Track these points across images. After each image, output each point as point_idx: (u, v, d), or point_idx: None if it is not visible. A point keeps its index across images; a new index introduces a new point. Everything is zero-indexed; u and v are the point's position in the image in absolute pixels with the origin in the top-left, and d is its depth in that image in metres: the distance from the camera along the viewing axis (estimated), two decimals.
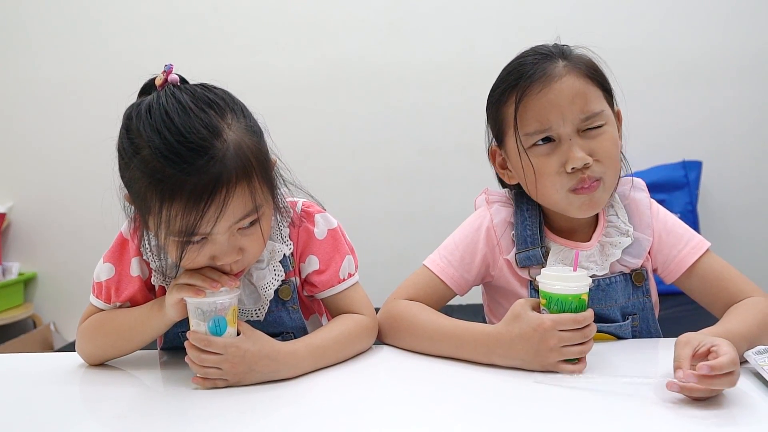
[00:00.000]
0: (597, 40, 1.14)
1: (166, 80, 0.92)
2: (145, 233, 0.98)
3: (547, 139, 1.03)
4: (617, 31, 2.64)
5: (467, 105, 2.73)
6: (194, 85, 0.94)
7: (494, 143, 1.15)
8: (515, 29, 2.69)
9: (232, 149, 0.88)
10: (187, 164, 0.85)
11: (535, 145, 1.04)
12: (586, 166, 1.01)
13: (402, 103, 2.78)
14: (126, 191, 0.95)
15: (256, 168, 0.91)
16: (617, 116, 1.11)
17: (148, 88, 0.95)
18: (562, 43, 1.09)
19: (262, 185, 0.93)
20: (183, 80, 0.95)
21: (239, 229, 0.93)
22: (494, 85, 1.11)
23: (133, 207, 0.95)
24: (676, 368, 0.83)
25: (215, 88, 0.95)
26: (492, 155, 1.16)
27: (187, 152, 0.85)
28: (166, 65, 0.94)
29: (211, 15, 2.83)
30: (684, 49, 2.66)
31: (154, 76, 0.94)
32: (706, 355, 0.82)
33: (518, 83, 1.04)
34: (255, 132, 0.94)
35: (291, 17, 2.81)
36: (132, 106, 0.92)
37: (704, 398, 0.81)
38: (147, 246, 1.01)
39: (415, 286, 1.14)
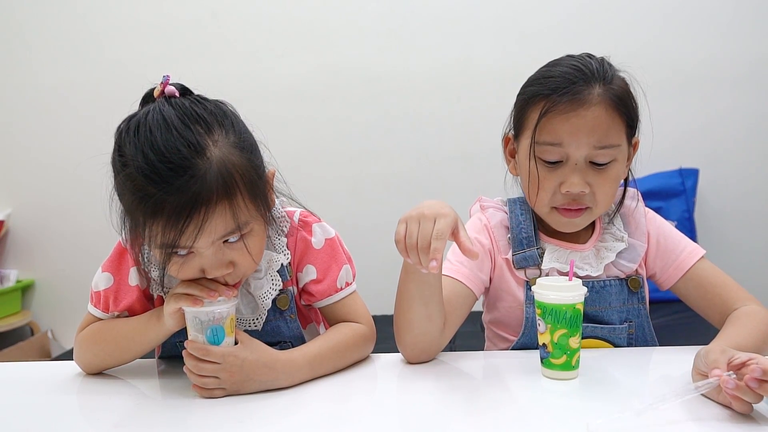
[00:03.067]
0: (593, 49, 1.15)
1: (162, 92, 0.93)
2: (144, 244, 0.98)
3: (558, 157, 1.06)
4: (614, 40, 2.65)
5: (465, 113, 2.75)
6: (188, 98, 0.94)
7: (511, 132, 1.16)
8: (513, 38, 2.71)
9: (215, 167, 0.88)
10: (166, 184, 0.86)
11: (545, 157, 1.07)
12: (581, 194, 1.05)
13: (400, 111, 2.80)
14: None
15: (241, 186, 0.91)
16: (634, 146, 1.12)
17: (148, 98, 0.95)
18: (607, 62, 1.09)
19: (248, 203, 0.92)
20: (184, 90, 0.95)
21: (225, 242, 0.93)
22: (533, 77, 1.11)
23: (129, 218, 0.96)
24: (712, 369, 0.82)
25: (207, 101, 0.94)
26: (505, 141, 1.19)
27: (168, 171, 0.86)
28: (163, 76, 0.94)
29: (209, 22, 2.85)
30: (681, 58, 2.68)
31: (155, 86, 0.95)
32: (741, 367, 0.80)
33: (551, 95, 1.05)
34: (244, 148, 0.93)
35: (289, 25, 2.82)
36: (125, 120, 0.93)
37: (745, 411, 0.79)
38: (146, 256, 1.02)
39: None
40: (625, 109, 1.06)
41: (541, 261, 1.12)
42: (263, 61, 2.83)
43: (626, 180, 1.16)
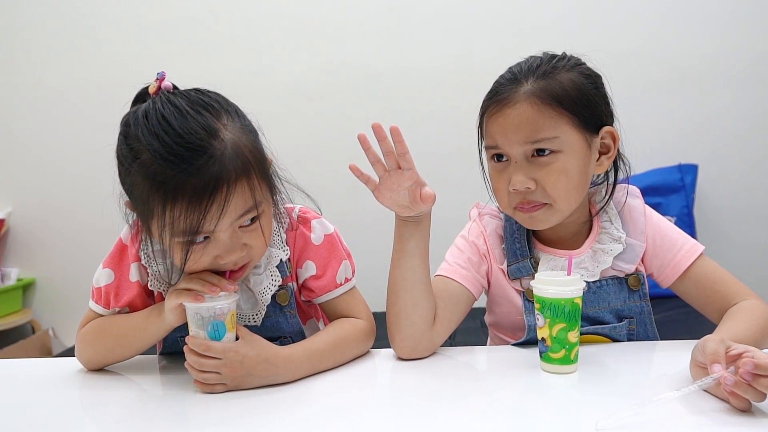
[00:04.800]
0: (593, 45, 1.15)
1: (159, 87, 0.94)
2: (145, 239, 0.99)
3: (502, 157, 1.08)
4: (613, 36, 2.65)
5: (464, 110, 2.72)
6: (188, 90, 0.96)
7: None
8: (513, 34, 2.71)
9: (230, 148, 0.90)
10: (187, 164, 0.87)
11: (492, 158, 1.10)
12: (527, 190, 1.04)
13: (399, 108, 2.79)
14: (126, 198, 0.96)
15: (254, 165, 0.93)
16: (612, 137, 1.09)
17: (141, 96, 0.96)
18: (559, 55, 1.09)
19: (260, 183, 0.94)
20: (175, 87, 0.96)
21: (241, 227, 0.94)
22: None
23: (134, 214, 0.97)
24: (711, 362, 0.81)
25: (208, 91, 0.96)
26: None
27: (187, 153, 0.87)
28: (158, 73, 0.95)
29: (209, 20, 2.85)
30: (680, 53, 2.68)
31: (147, 84, 0.96)
32: (737, 359, 0.80)
33: (487, 101, 1.09)
34: (251, 131, 0.96)
35: (289, 22, 2.82)
36: (128, 113, 0.94)
37: (744, 408, 0.79)
38: (147, 251, 1.02)
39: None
40: (560, 101, 1.03)
41: (536, 271, 1.11)
42: (263, 59, 2.84)
43: (615, 175, 1.14)
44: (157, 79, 0.94)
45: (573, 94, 1.04)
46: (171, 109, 0.89)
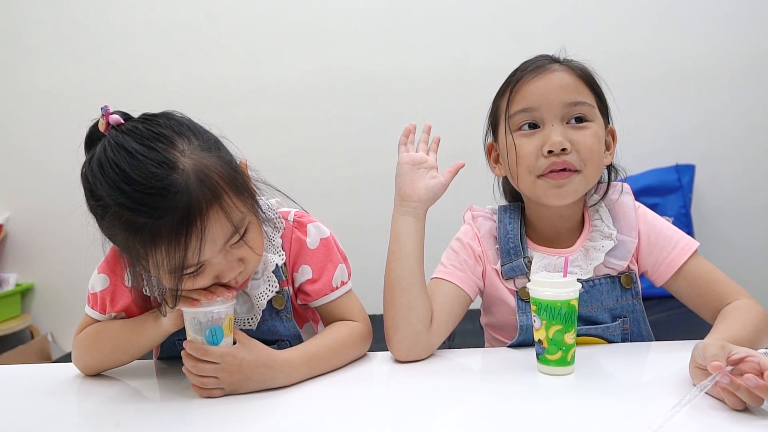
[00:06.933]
0: (589, 47, 1.16)
1: (108, 123, 0.91)
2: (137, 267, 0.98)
3: (533, 126, 1.09)
4: (611, 38, 2.66)
5: (462, 113, 2.74)
6: (137, 121, 0.92)
7: (491, 138, 1.19)
8: (510, 38, 2.71)
9: (193, 176, 0.87)
10: (154, 209, 0.85)
11: (520, 129, 1.09)
12: (563, 151, 1.05)
13: (396, 111, 2.79)
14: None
15: (223, 184, 0.90)
16: (612, 135, 1.15)
17: (93, 134, 0.94)
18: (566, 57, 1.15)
19: (235, 200, 0.92)
20: (126, 116, 0.94)
21: (231, 246, 0.93)
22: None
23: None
24: (712, 369, 0.80)
25: (157, 117, 0.93)
26: (488, 150, 1.21)
27: (150, 198, 0.85)
28: (102, 108, 0.92)
29: (206, 24, 2.85)
30: (677, 54, 2.68)
31: (96, 120, 0.93)
32: (739, 362, 0.81)
33: (514, 76, 1.12)
34: (210, 148, 0.93)
35: (286, 26, 2.83)
36: (84, 166, 0.91)
37: (738, 407, 0.79)
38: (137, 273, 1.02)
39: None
40: (589, 80, 1.10)
41: (529, 270, 1.11)
42: (259, 63, 2.84)
43: (609, 171, 1.16)
44: (103, 115, 0.92)
45: (594, 81, 1.12)
46: (122, 154, 0.86)
